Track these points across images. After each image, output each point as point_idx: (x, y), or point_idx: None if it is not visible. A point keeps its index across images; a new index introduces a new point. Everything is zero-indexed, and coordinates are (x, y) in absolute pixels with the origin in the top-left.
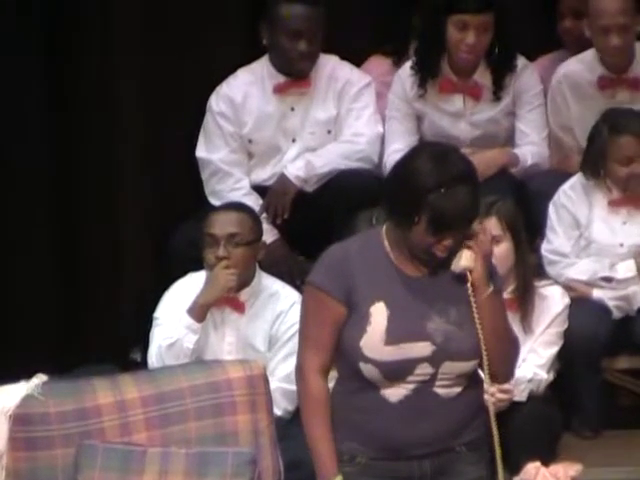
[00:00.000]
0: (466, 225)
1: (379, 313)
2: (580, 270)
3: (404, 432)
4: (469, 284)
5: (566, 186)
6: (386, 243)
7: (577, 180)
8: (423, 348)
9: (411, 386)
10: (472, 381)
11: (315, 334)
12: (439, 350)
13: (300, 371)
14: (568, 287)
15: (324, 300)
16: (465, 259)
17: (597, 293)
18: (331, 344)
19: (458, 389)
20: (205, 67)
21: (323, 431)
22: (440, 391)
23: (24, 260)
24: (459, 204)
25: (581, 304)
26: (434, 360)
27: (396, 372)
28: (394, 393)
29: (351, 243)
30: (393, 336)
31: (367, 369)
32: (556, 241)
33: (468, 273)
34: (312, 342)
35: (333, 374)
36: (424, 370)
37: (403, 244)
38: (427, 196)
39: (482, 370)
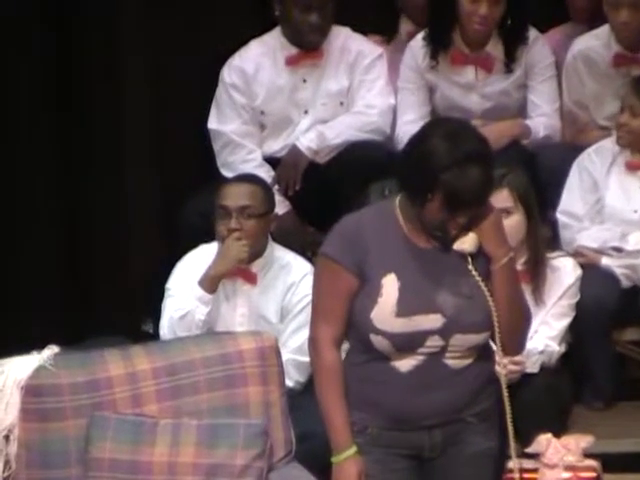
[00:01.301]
0: (480, 202)
1: (390, 285)
2: (591, 237)
3: (414, 402)
4: (470, 266)
5: (592, 148)
6: (399, 215)
7: (603, 144)
8: (434, 320)
9: (421, 357)
10: (483, 352)
11: (328, 306)
12: (450, 322)
13: (313, 343)
14: (578, 253)
15: (337, 271)
16: (468, 243)
17: (605, 261)
18: (344, 315)
19: (469, 360)
20: (217, 39)
21: (337, 403)
22: (450, 362)
23: (34, 230)
24: (473, 182)
25: (590, 273)
26: (444, 332)
27: (407, 344)
28: (404, 364)
29: (364, 214)
30: (404, 308)
31: (377, 341)
32: (571, 203)
33: (469, 257)
34: (325, 314)
35: (344, 346)
36: (434, 342)
37: (416, 218)
38: (441, 175)
39: (494, 342)
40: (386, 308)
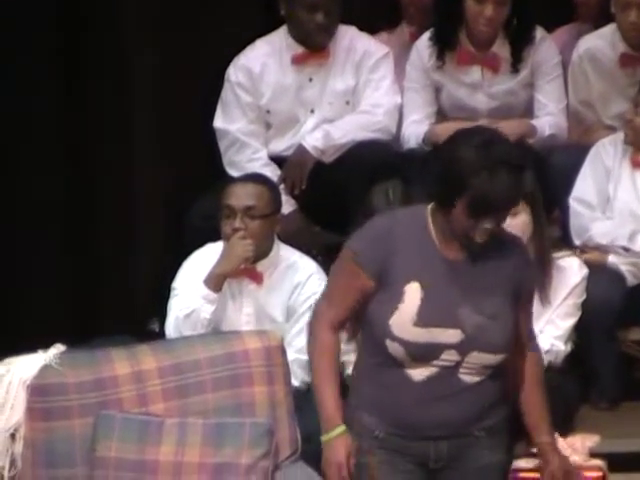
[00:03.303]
0: (505, 210)
1: (413, 293)
2: (602, 232)
3: (422, 412)
4: None
5: (607, 139)
6: (431, 224)
7: (617, 137)
8: (453, 335)
9: (435, 369)
10: (497, 369)
11: (338, 293)
12: (468, 340)
13: (314, 321)
14: (585, 248)
15: (356, 271)
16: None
17: (612, 259)
18: (351, 306)
19: (480, 378)
20: (222, 39)
21: (330, 382)
22: (464, 377)
23: (39, 229)
24: (499, 187)
25: (596, 273)
26: (462, 348)
27: (422, 354)
28: (418, 373)
29: (398, 216)
30: (424, 318)
31: (393, 347)
32: (585, 191)
33: None
34: (333, 299)
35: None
36: (450, 357)
37: (446, 226)
38: (469, 179)
39: None
40: (406, 316)
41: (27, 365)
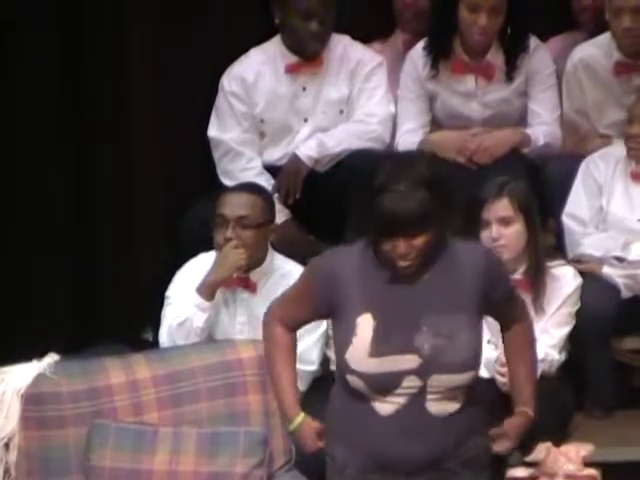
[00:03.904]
0: (411, 229)
1: (365, 324)
2: (594, 245)
3: (393, 447)
4: None
5: (597, 154)
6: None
7: (607, 151)
8: (409, 361)
9: (401, 400)
10: (468, 399)
11: (294, 297)
12: (426, 363)
13: (267, 315)
14: (580, 260)
15: (310, 289)
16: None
17: (607, 270)
18: (302, 315)
19: (452, 406)
20: (219, 47)
21: (286, 374)
22: (432, 408)
23: (38, 237)
24: (400, 205)
25: (590, 282)
26: (421, 373)
27: (382, 385)
28: (384, 407)
29: (348, 252)
30: (378, 348)
31: (353, 381)
32: (577, 207)
33: None
34: (288, 299)
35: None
36: (412, 383)
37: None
38: (378, 196)
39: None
40: (360, 348)
41: (21, 374)
